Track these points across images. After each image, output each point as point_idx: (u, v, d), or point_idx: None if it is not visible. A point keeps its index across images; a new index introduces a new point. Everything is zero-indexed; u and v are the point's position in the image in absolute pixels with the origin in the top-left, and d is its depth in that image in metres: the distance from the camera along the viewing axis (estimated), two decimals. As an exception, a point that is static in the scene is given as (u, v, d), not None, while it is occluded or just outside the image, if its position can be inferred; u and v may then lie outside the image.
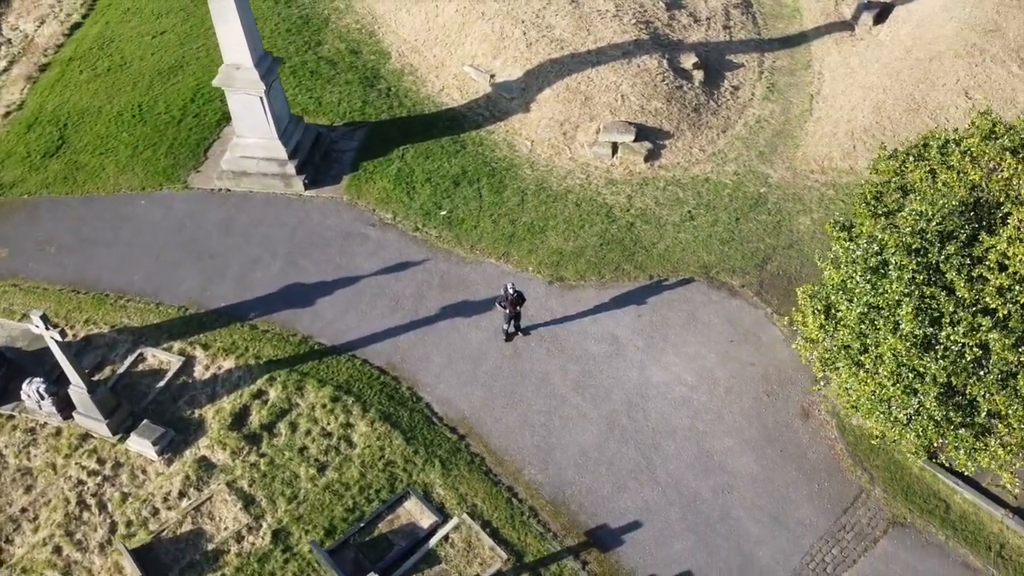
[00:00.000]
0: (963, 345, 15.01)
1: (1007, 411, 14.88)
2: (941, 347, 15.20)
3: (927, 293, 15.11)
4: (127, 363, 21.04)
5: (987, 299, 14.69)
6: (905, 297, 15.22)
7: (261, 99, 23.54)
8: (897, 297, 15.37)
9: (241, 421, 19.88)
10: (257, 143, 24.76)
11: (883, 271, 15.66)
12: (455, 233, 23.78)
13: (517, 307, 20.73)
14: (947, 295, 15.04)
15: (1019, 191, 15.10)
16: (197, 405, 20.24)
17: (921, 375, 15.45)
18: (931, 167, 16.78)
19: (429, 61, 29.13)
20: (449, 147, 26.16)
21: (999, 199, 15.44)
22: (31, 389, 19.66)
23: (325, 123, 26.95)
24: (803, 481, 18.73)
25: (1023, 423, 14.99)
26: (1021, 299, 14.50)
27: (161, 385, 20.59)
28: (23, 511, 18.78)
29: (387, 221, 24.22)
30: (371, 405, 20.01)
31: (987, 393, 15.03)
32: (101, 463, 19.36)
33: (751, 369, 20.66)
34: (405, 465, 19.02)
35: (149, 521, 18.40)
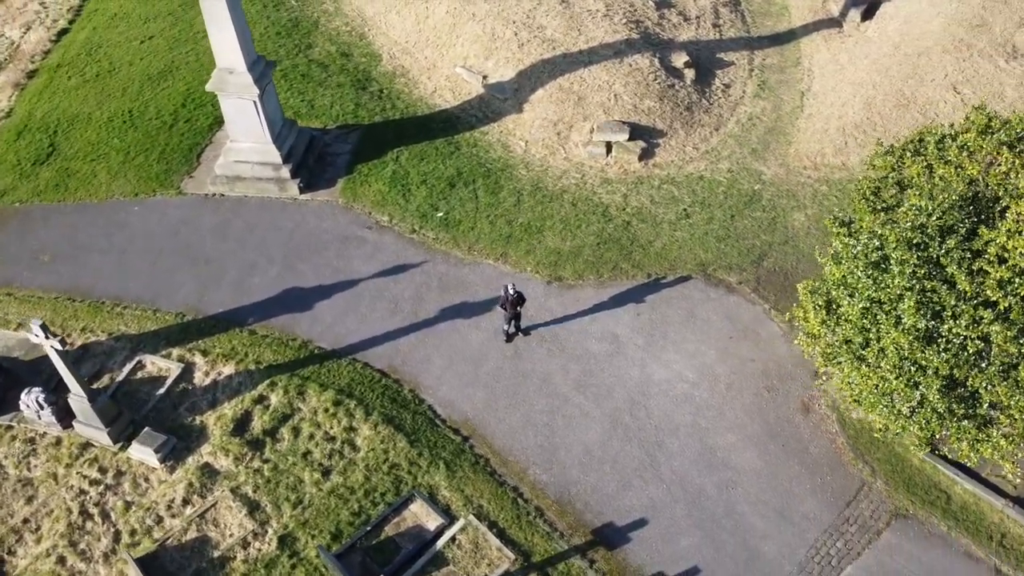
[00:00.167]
0: (965, 338, 15.20)
1: (1009, 402, 15.09)
2: (943, 340, 15.38)
3: (928, 287, 15.29)
4: (126, 371, 20.92)
5: (988, 292, 14.89)
6: (907, 291, 15.40)
7: (255, 103, 23.43)
8: (899, 291, 15.55)
9: (243, 427, 19.81)
10: (251, 147, 24.64)
11: (884, 266, 15.82)
12: (452, 235, 23.79)
13: (517, 307, 20.77)
14: (948, 289, 15.23)
15: (1017, 185, 15.30)
16: (198, 412, 20.15)
17: (923, 368, 15.63)
18: (928, 162, 16.97)
19: (421, 63, 29.11)
20: (443, 149, 26.16)
21: (997, 193, 15.64)
22: (30, 399, 19.50)
23: (318, 126, 26.88)
24: (806, 475, 18.89)
25: (1024, 413, 15.21)
26: (1021, 291, 14.70)
27: (161, 392, 20.48)
28: (25, 522, 18.63)
29: (383, 224, 24.18)
30: (373, 408, 19.98)
31: (989, 385, 15.23)
32: (103, 472, 19.24)
33: (751, 365, 20.80)
34: (410, 468, 19.02)
35: (153, 529, 18.30)
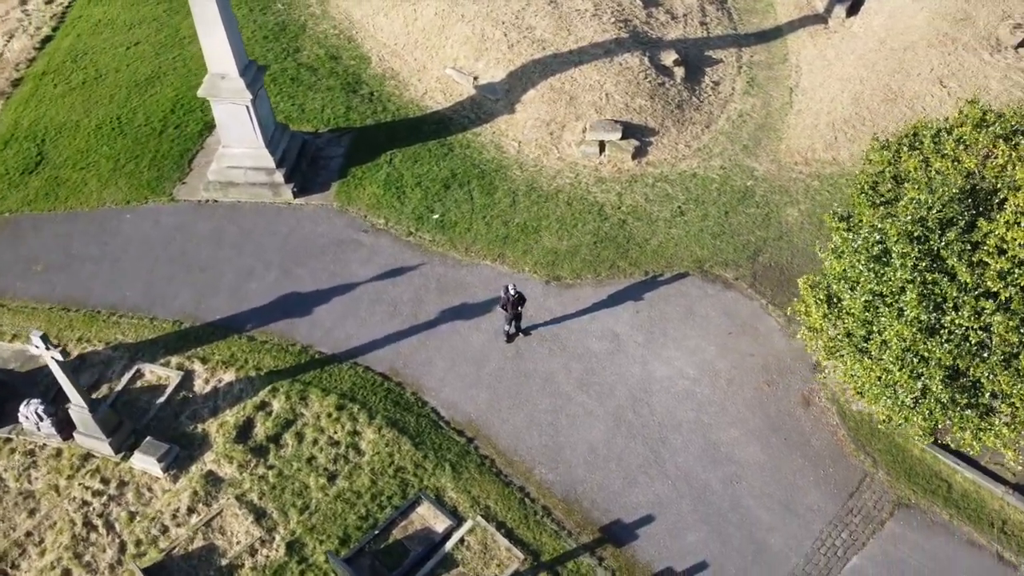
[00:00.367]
0: (967, 328, 15.41)
1: (1011, 391, 15.31)
2: (945, 331, 15.59)
3: (930, 279, 15.48)
4: (125, 380, 20.76)
5: (988, 283, 15.11)
6: (908, 284, 15.58)
7: (248, 108, 23.32)
8: (900, 284, 15.73)
9: (246, 434, 19.72)
10: (244, 152, 24.51)
11: (885, 259, 16.01)
12: (449, 236, 23.79)
13: (518, 308, 20.81)
14: (949, 281, 15.42)
15: (1014, 177, 15.53)
16: (200, 419, 20.03)
17: (926, 359, 15.83)
18: (924, 156, 17.18)
19: (410, 65, 29.07)
20: (437, 150, 26.15)
21: (995, 185, 15.87)
22: (29, 411, 19.31)
23: (310, 130, 26.79)
24: (809, 468, 19.08)
25: (1026, 402, 15.45)
26: (1021, 282, 14.92)
27: (161, 401, 20.34)
28: (28, 535, 18.45)
29: (379, 227, 24.14)
30: (377, 412, 19.95)
31: (991, 374, 15.44)
32: (105, 482, 19.09)
33: (751, 360, 20.97)
34: (415, 470, 19.02)
35: (159, 539, 18.18)
